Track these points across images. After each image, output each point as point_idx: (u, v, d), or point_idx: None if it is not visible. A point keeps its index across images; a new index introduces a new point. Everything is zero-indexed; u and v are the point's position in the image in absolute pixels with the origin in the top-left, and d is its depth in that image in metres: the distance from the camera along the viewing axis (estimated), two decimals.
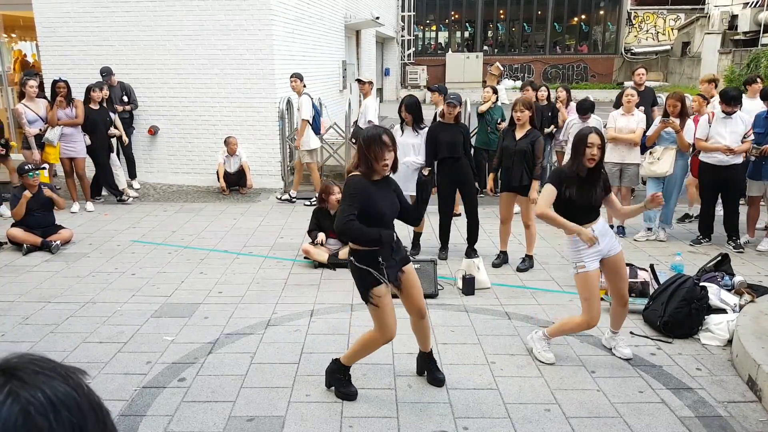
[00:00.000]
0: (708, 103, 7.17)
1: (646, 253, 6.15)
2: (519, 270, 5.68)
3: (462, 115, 6.21)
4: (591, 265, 3.69)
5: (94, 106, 7.98)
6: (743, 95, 6.60)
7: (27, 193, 6.29)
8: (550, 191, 3.74)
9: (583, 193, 3.69)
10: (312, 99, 8.12)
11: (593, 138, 3.62)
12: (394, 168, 3.26)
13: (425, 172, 4.69)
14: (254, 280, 5.46)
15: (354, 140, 7.99)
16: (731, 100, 6.03)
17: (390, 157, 3.15)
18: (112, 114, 8.29)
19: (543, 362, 3.86)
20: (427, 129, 5.97)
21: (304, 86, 8.09)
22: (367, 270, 3.19)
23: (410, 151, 6.01)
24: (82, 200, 8.07)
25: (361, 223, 3.13)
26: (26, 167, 6.44)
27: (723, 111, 6.10)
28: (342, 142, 9.07)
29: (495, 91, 8.16)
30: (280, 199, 8.54)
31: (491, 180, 6.19)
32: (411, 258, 3.80)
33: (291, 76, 8.09)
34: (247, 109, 8.97)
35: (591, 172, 3.69)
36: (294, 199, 8.49)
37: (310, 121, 7.98)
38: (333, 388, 3.53)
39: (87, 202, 8.04)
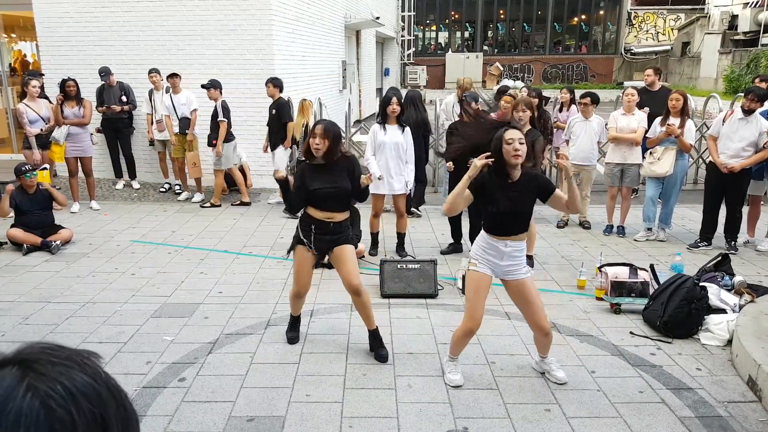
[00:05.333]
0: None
1: (646, 253, 6.15)
2: None
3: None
4: (481, 268, 3.44)
5: None
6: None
7: (9, 186, 6.16)
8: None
9: (511, 200, 3.30)
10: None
11: (510, 134, 3.23)
12: (329, 156, 3.72)
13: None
14: (254, 280, 5.46)
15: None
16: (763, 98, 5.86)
17: (319, 142, 3.69)
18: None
19: (449, 385, 3.60)
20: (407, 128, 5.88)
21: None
22: (299, 231, 3.90)
23: (389, 150, 5.73)
24: (85, 200, 8.07)
25: (305, 198, 3.81)
26: (23, 168, 6.30)
27: (743, 109, 5.85)
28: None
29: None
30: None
31: None
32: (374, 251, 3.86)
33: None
34: (248, 109, 8.96)
35: (521, 175, 3.34)
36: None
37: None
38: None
39: (92, 201, 8.06)
